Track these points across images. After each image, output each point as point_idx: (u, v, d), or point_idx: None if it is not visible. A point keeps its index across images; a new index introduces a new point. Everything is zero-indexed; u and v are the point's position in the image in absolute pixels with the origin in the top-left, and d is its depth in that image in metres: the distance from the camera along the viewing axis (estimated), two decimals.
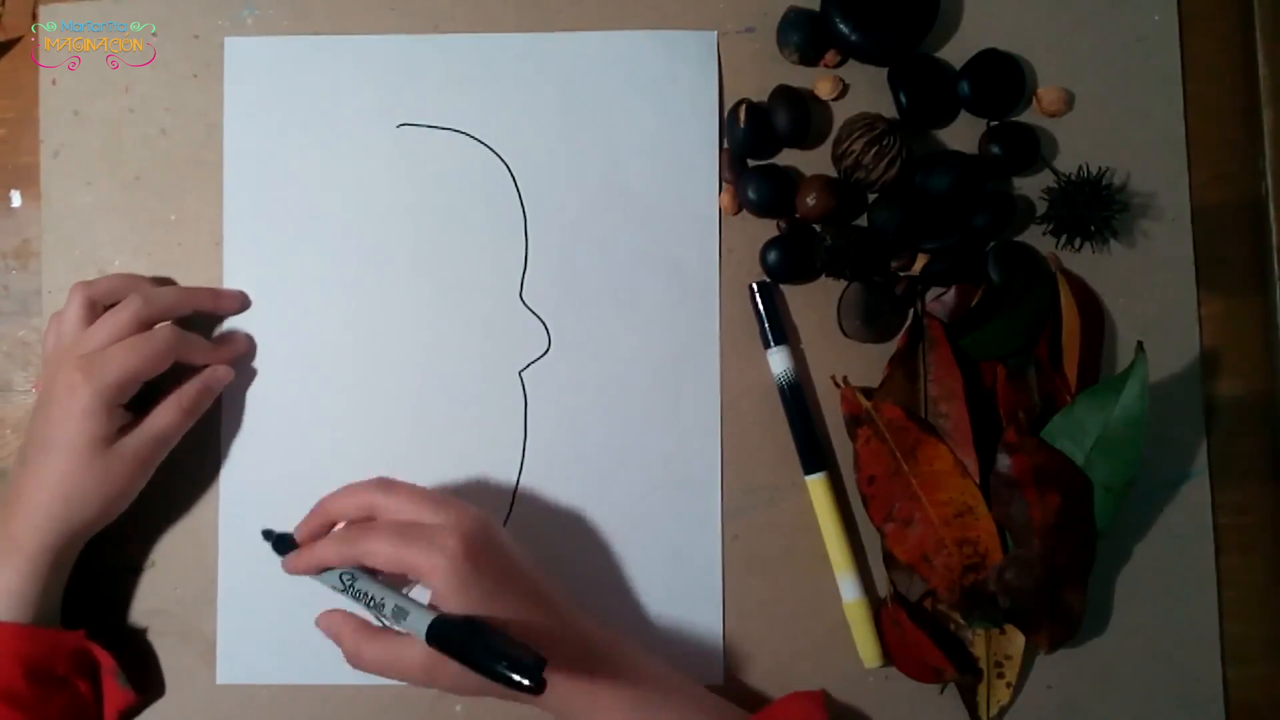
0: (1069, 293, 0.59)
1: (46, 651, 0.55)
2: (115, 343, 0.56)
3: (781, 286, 0.62)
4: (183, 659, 0.60)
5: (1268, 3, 0.62)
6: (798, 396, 0.60)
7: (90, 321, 0.58)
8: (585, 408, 0.61)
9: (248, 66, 0.63)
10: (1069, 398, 0.58)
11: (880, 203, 0.60)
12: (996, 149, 0.60)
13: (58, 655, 0.55)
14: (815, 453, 0.60)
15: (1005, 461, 0.57)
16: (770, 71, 0.62)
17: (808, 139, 0.62)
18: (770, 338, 0.60)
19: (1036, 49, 0.62)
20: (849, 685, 0.59)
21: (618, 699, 0.53)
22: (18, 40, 0.64)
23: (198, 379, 0.59)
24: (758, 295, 0.61)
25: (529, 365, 0.61)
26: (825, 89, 0.62)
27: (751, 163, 0.62)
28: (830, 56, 0.62)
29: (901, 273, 0.61)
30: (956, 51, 0.62)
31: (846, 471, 0.61)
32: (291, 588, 0.60)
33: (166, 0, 0.63)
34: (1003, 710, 0.59)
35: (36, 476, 0.55)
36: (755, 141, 0.61)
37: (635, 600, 0.60)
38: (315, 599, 0.60)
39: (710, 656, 0.60)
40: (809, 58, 0.62)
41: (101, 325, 0.57)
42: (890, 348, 0.61)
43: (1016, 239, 0.61)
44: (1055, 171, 0.61)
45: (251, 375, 0.62)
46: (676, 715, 0.54)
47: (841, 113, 0.62)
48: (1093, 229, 0.59)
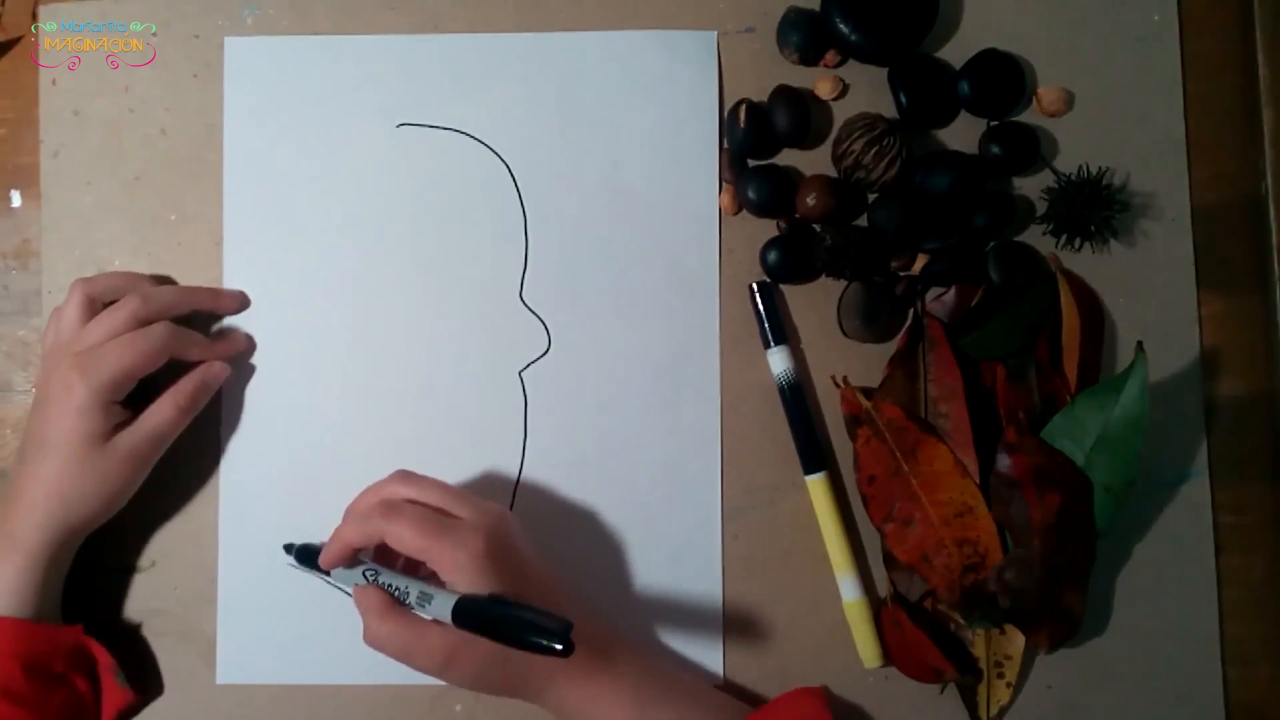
0: (1069, 293, 0.59)
1: (44, 647, 0.55)
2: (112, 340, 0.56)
3: (781, 286, 0.62)
4: (182, 659, 0.60)
5: (1268, 3, 0.62)
6: (798, 396, 0.60)
7: (89, 319, 0.58)
8: (585, 408, 0.61)
9: (248, 66, 0.63)
10: (1069, 398, 0.58)
11: (880, 203, 0.60)
12: (996, 149, 0.60)
13: (56, 651, 0.55)
14: (815, 453, 0.60)
15: (1005, 461, 0.57)
16: (770, 71, 0.62)
17: (808, 139, 0.62)
18: (770, 338, 0.60)
19: (1036, 49, 0.62)
20: (849, 685, 0.59)
21: (620, 695, 0.53)
22: (18, 40, 0.64)
23: (193, 375, 0.59)
24: (758, 295, 0.61)
25: (529, 365, 0.61)
26: (825, 89, 0.62)
27: (751, 163, 0.62)
28: (830, 56, 0.62)
29: (901, 273, 0.61)
30: (956, 51, 0.62)
31: (846, 471, 0.61)
32: (291, 588, 0.60)
33: (166, 0, 0.63)
34: (1003, 710, 0.59)
35: (34, 473, 0.56)
36: (755, 141, 0.61)
37: (635, 600, 0.60)
38: (315, 599, 0.60)
39: (710, 656, 0.60)
40: (809, 58, 0.62)
41: (99, 323, 0.57)
42: (890, 348, 0.61)
43: (1016, 239, 0.61)
44: (1055, 171, 0.61)
45: (251, 374, 0.62)
46: (678, 711, 0.54)
47: (841, 113, 0.62)
48: (1093, 229, 0.59)
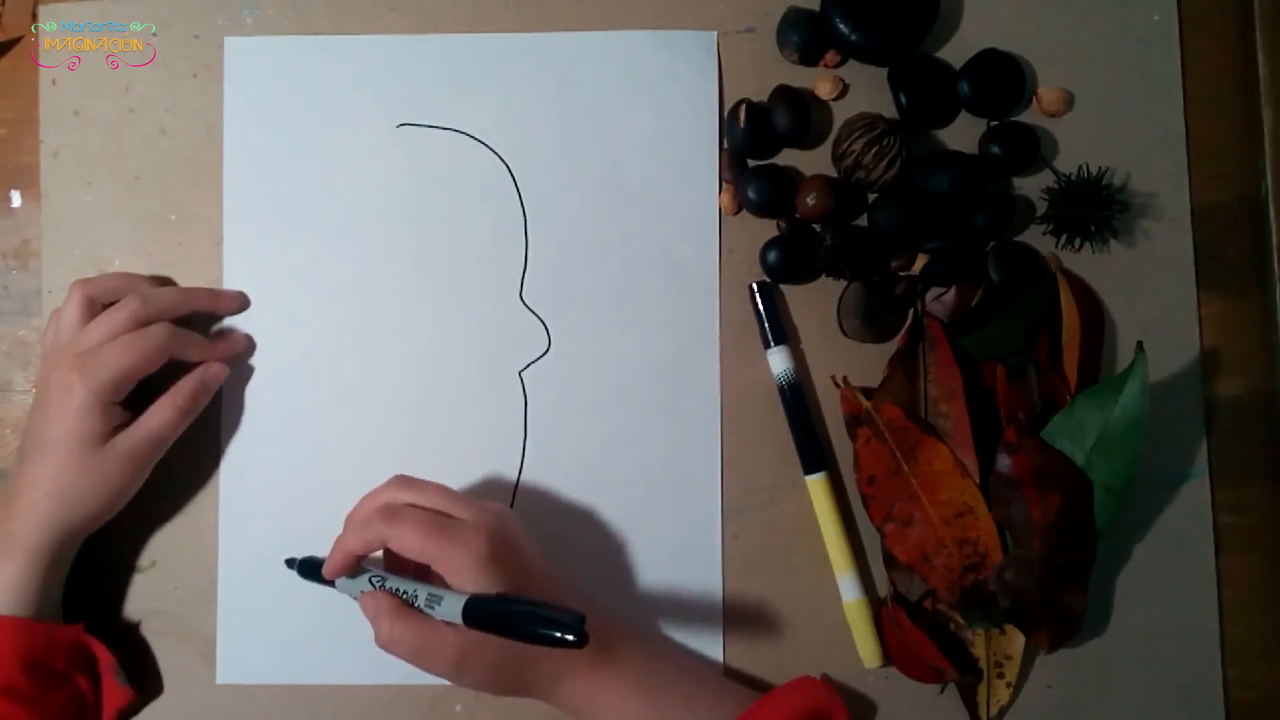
0: (1069, 293, 0.59)
1: (45, 646, 0.55)
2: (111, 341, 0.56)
3: (781, 286, 0.62)
4: (182, 659, 0.60)
5: (1268, 3, 0.62)
6: (798, 396, 0.60)
7: (88, 319, 0.58)
8: (585, 408, 0.61)
9: (248, 66, 0.63)
10: (1069, 398, 0.58)
11: (880, 203, 0.60)
12: (996, 149, 0.60)
13: (57, 650, 0.55)
14: (815, 453, 0.60)
15: (1005, 461, 0.57)
16: (770, 71, 0.62)
17: (808, 139, 0.62)
18: (770, 338, 0.60)
19: (1036, 49, 0.62)
20: (849, 685, 0.59)
21: (627, 685, 0.54)
22: (18, 40, 0.64)
23: (192, 376, 0.59)
24: (758, 295, 0.61)
25: (529, 365, 0.61)
26: (825, 89, 0.62)
27: (751, 163, 0.62)
28: (830, 56, 0.62)
29: (901, 273, 0.61)
30: (956, 51, 0.62)
31: (846, 471, 0.61)
32: (291, 588, 0.60)
33: (166, 0, 0.63)
34: (1003, 710, 0.59)
35: (33, 473, 0.56)
36: (755, 141, 0.61)
37: (635, 600, 0.60)
38: (315, 599, 0.60)
39: (710, 656, 0.60)
40: (809, 58, 0.62)
41: (98, 324, 0.57)
42: (890, 348, 0.61)
43: (1016, 239, 0.61)
44: (1055, 171, 0.61)
45: (251, 375, 0.62)
46: (686, 699, 0.54)
47: (841, 113, 0.62)
48: (1093, 229, 0.59)
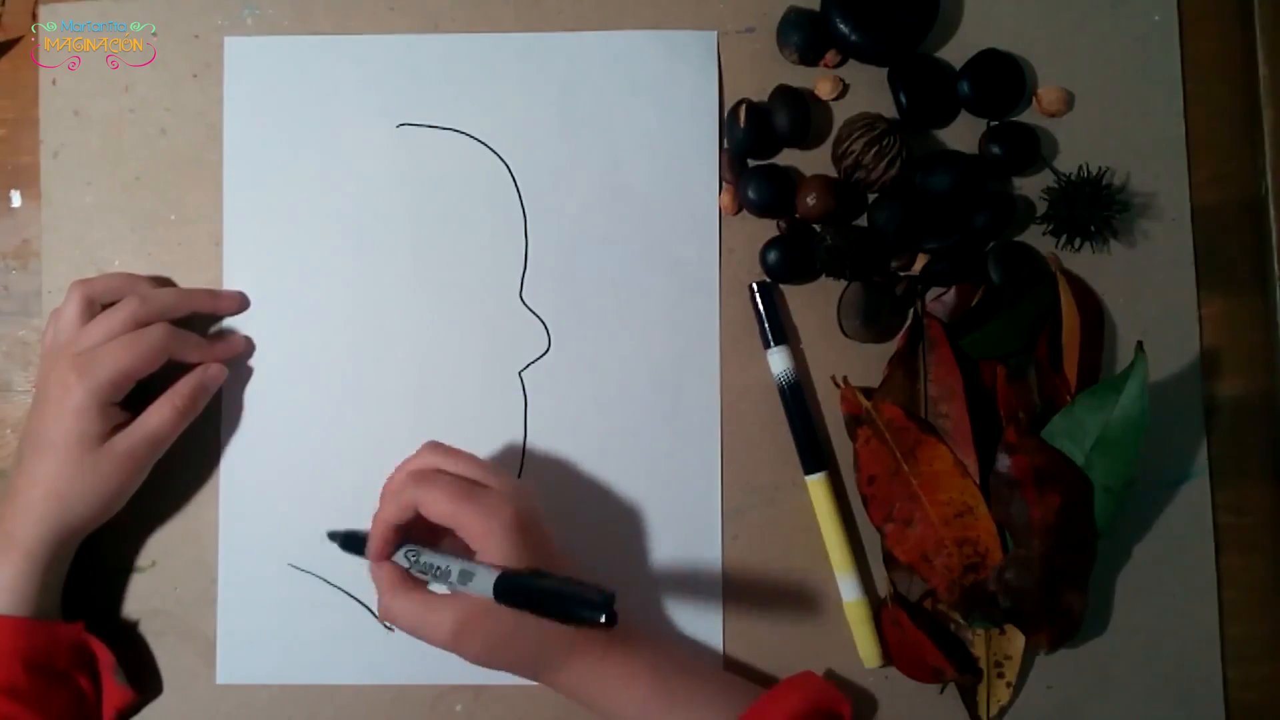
0: (1069, 293, 0.59)
1: (45, 645, 0.55)
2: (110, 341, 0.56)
3: (781, 286, 0.62)
4: (182, 659, 0.60)
5: (1268, 3, 0.62)
6: (798, 396, 0.60)
7: (88, 319, 0.58)
8: (585, 408, 0.61)
9: (248, 66, 0.63)
10: (1069, 398, 0.58)
11: (880, 203, 0.60)
12: (996, 149, 0.60)
13: (57, 649, 0.55)
14: (815, 453, 0.60)
15: (1005, 461, 0.57)
16: (770, 71, 0.62)
17: (808, 139, 0.62)
18: (770, 338, 0.60)
19: (1036, 49, 0.62)
20: (849, 685, 0.59)
21: (636, 673, 0.54)
22: (18, 40, 0.64)
23: (191, 377, 0.59)
24: (758, 295, 0.61)
25: (529, 365, 0.61)
26: (825, 89, 0.62)
27: (751, 163, 0.62)
28: (830, 56, 0.62)
29: (901, 273, 0.61)
30: (956, 51, 0.62)
31: (846, 471, 0.61)
32: (291, 588, 0.60)
33: (166, 0, 0.63)
34: (1003, 710, 0.59)
35: (32, 473, 0.56)
36: (755, 141, 0.61)
37: (636, 599, 0.60)
38: (315, 599, 0.60)
39: (710, 655, 0.59)
40: (809, 58, 0.62)
41: (97, 324, 0.57)
42: (890, 348, 0.61)
43: (1016, 239, 0.61)
44: (1055, 171, 0.61)
45: (251, 375, 0.62)
46: (692, 690, 0.54)
47: (841, 113, 0.62)
48: (1093, 229, 0.59)
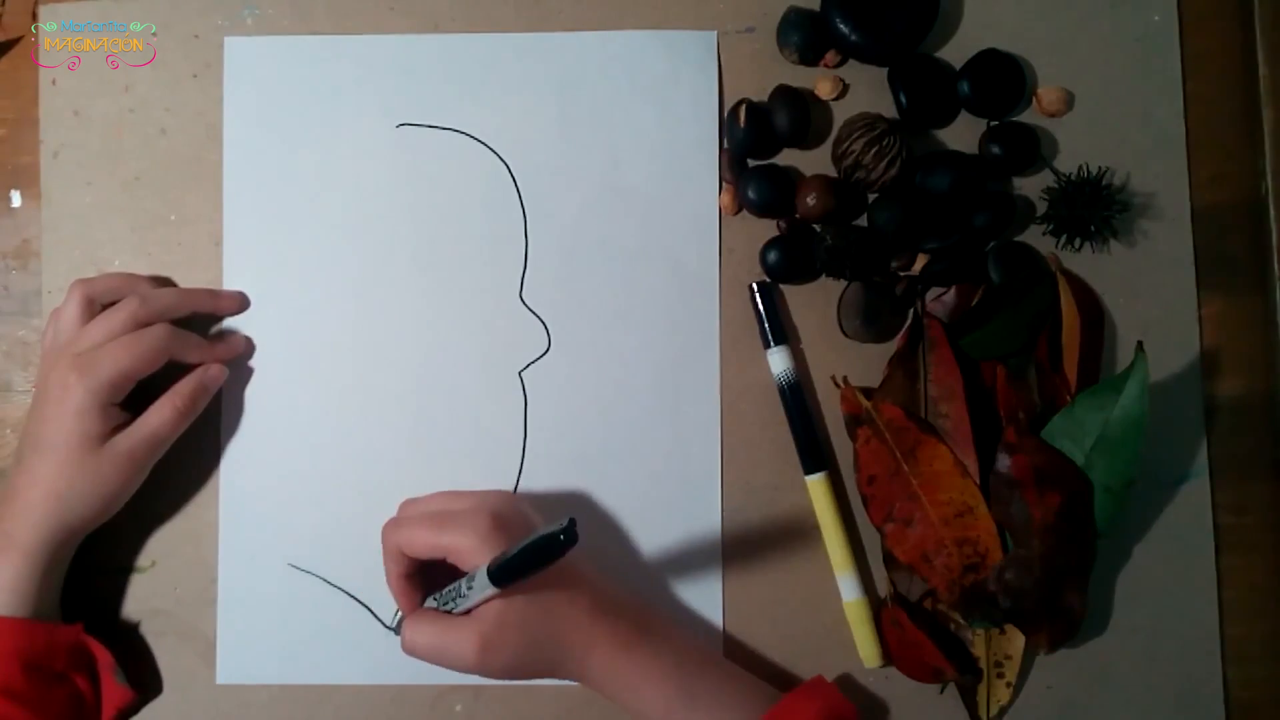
0: (1069, 293, 0.59)
1: (44, 646, 0.55)
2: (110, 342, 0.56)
3: (781, 286, 0.62)
4: (182, 659, 0.60)
5: (1268, 3, 0.62)
6: (798, 396, 0.60)
7: (88, 319, 0.58)
8: (585, 408, 0.61)
9: (248, 66, 0.63)
10: (1069, 398, 0.58)
11: (880, 203, 0.60)
12: (996, 149, 0.60)
13: (56, 650, 0.55)
14: (815, 453, 0.60)
15: (1005, 461, 0.57)
16: (770, 71, 0.62)
17: (808, 139, 0.62)
18: (770, 338, 0.60)
19: (1036, 49, 0.62)
20: (849, 685, 0.59)
21: (661, 668, 0.53)
22: (18, 40, 0.64)
23: (191, 378, 0.59)
24: (758, 295, 0.61)
25: (529, 365, 0.61)
26: (825, 89, 0.62)
27: (751, 163, 0.62)
28: (830, 56, 0.62)
29: (901, 273, 0.61)
30: (956, 51, 0.62)
31: (846, 471, 0.61)
32: (291, 588, 0.60)
33: (166, 0, 0.63)
34: (1003, 710, 0.59)
35: (31, 473, 0.55)
36: (755, 141, 0.61)
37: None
38: (315, 599, 0.60)
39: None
40: (809, 58, 0.62)
41: (97, 324, 0.57)
42: (890, 348, 0.61)
43: (1016, 239, 0.61)
44: (1055, 171, 0.61)
45: (251, 375, 0.61)
46: (715, 690, 0.54)
47: (841, 113, 0.62)
48: (1093, 229, 0.59)
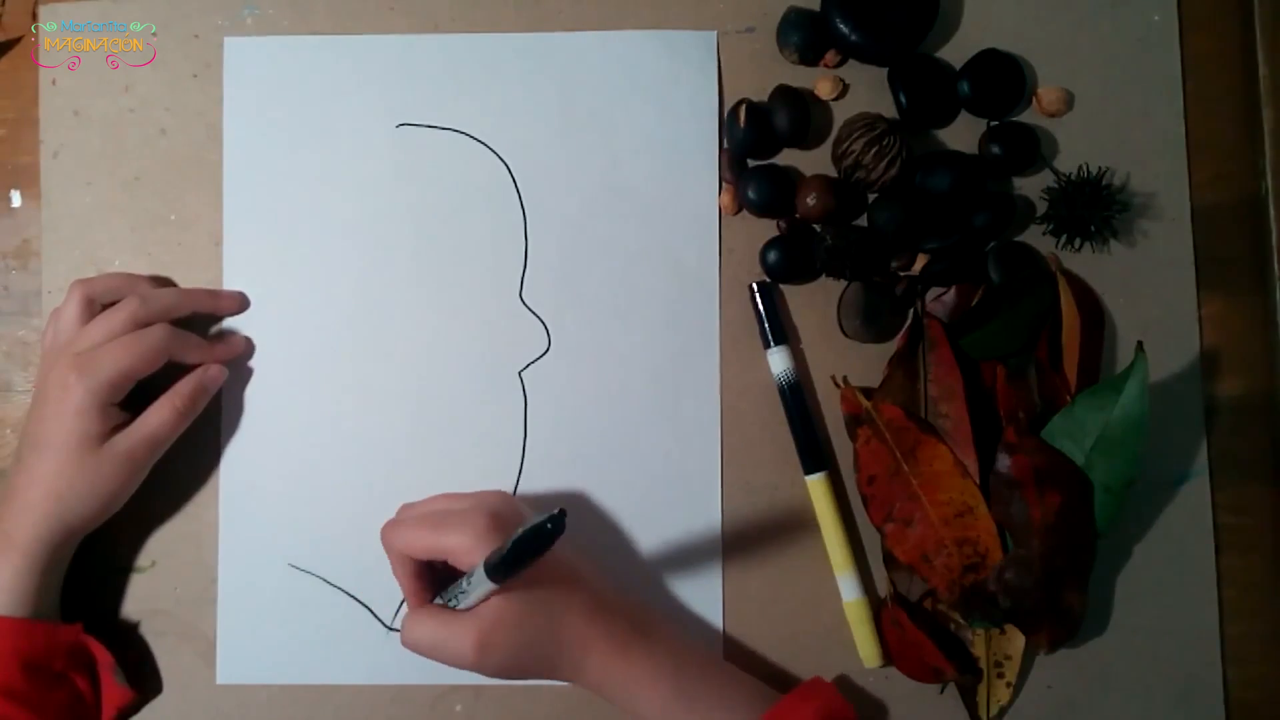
0: (1069, 293, 0.59)
1: (43, 646, 0.55)
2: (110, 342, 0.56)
3: (781, 286, 0.62)
4: (182, 659, 0.60)
5: (1268, 3, 0.62)
6: (798, 396, 0.60)
7: (88, 319, 0.58)
8: (585, 408, 0.61)
9: (248, 66, 0.63)
10: (1069, 398, 0.58)
11: (880, 203, 0.60)
12: (996, 149, 0.60)
13: (55, 650, 0.55)
14: (815, 453, 0.60)
15: (1005, 461, 0.57)
16: (770, 71, 0.62)
17: (808, 139, 0.62)
18: (770, 338, 0.60)
19: (1036, 49, 0.62)
20: (849, 685, 0.59)
21: (659, 670, 0.53)
22: (18, 40, 0.64)
23: (191, 378, 0.59)
24: (758, 295, 0.61)
25: (529, 365, 0.61)
26: (825, 89, 0.62)
27: (751, 163, 0.62)
28: (830, 56, 0.62)
29: (901, 273, 0.61)
30: (956, 51, 0.62)
31: (846, 471, 0.61)
32: (291, 588, 0.60)
33: (166, 0, 0.63)
34: (1003, 710, 0.59)
35: (30, 473, 0.56)
36: (755, 141, 0.61)
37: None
38: (315, 599, 0.60)
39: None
40: (809, 58, 0.62)
41: (97, 324, 0.57)
42: (890, 348, 0.61)
43: (1016, 239, 0.61)
44: (1055, 171, 0.61)
45: (251, 375, 0.61)
46: (712, 691, 0.54)
47: (841, 113, 0.62)
48: (1093, 229, 0.59)
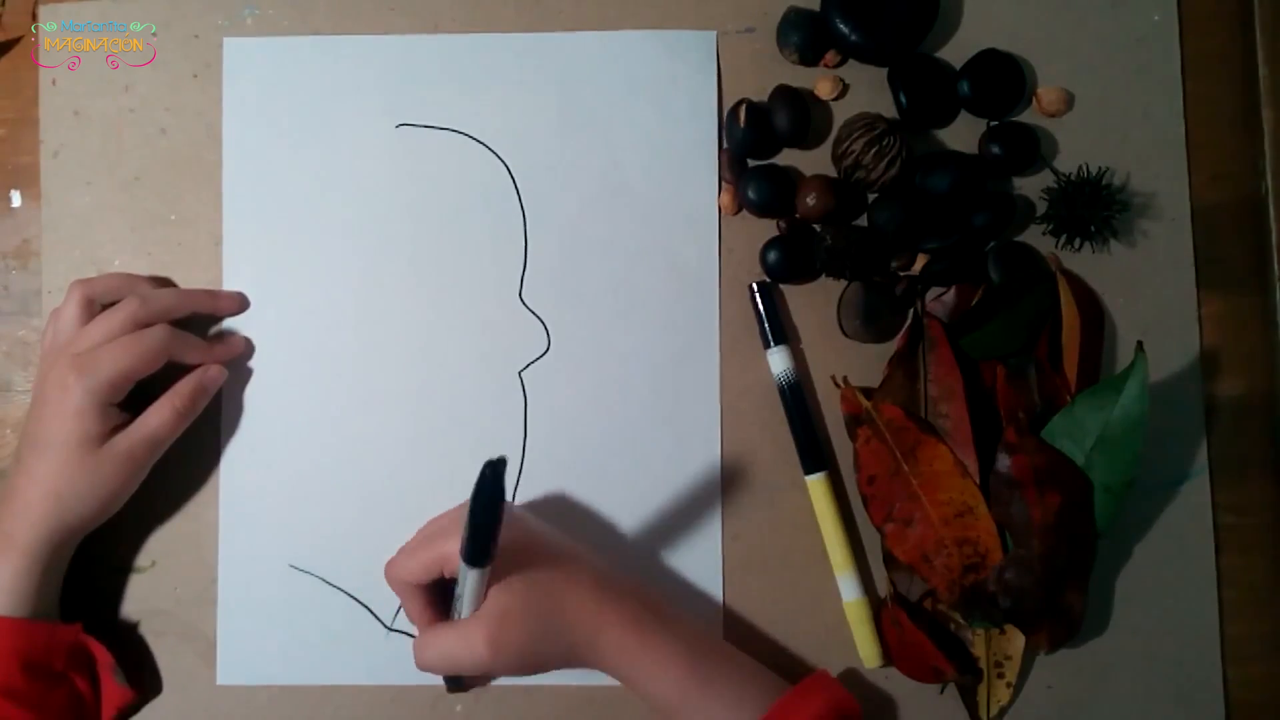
0: (1069, 293, 0.59)
1: (43, 646, 0.55)
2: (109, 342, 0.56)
3: (781, 286, 0.62)
4: (183, 659, 0.60)
5: (1268, 3, 0.62)
6: (798, 396, 0.60)
7: (87, 320, 0.58)
8: (585, 408, 0.61)
9: (248, 66, 0.63)
10: (1069, 398, 0.58)
11: (880, 203, 0.60)
12: (996, 149, 0.60)
13: (55, 650, 0.55)
14: (815, 453, 0.60)
15: (1005, 461, 0.57)
16: (770, 71, 0.62)
17: (808, 139, 0.62)
18: (770, 338, 0.60)
19: (1036, 49, 0.62)
20: (849, 685, 0.59)
21: (673, 653, 0.53)
22: (18, 40, 0.64)
23: (190, 378, 0.59)
24: (758, 295, 0.61)
25: (529, 365, 0.61)
26: (825, 89, 0.62)
27: (751, 163, 0.62)
28: (830, 56, 0.62)
29: (901, 273, 0.61)
30: (956, 51, 0.62)
31: (846, 471, 0.61)
32: (291, 589, 0.60)
33: (166, 0, 0.63)
34: (1003, 710, 0.59)
35: (29, 473, 0.55)
36: (755, 141, 0.61)
37: None
38: (315, 600, 0.60)
39: None
40: (809, 58, 0.62)
41: (97, 324, 0.57)
42: (890, 348, 0.61)
43: (1016, 239, 0.61)
44: (1055, 171, 0.61)
45: (251, 375, 0.61)
46: (726, 674, 0.54)
47: (841, 113, 0.62)
48: (1093, 229, 0.59)
